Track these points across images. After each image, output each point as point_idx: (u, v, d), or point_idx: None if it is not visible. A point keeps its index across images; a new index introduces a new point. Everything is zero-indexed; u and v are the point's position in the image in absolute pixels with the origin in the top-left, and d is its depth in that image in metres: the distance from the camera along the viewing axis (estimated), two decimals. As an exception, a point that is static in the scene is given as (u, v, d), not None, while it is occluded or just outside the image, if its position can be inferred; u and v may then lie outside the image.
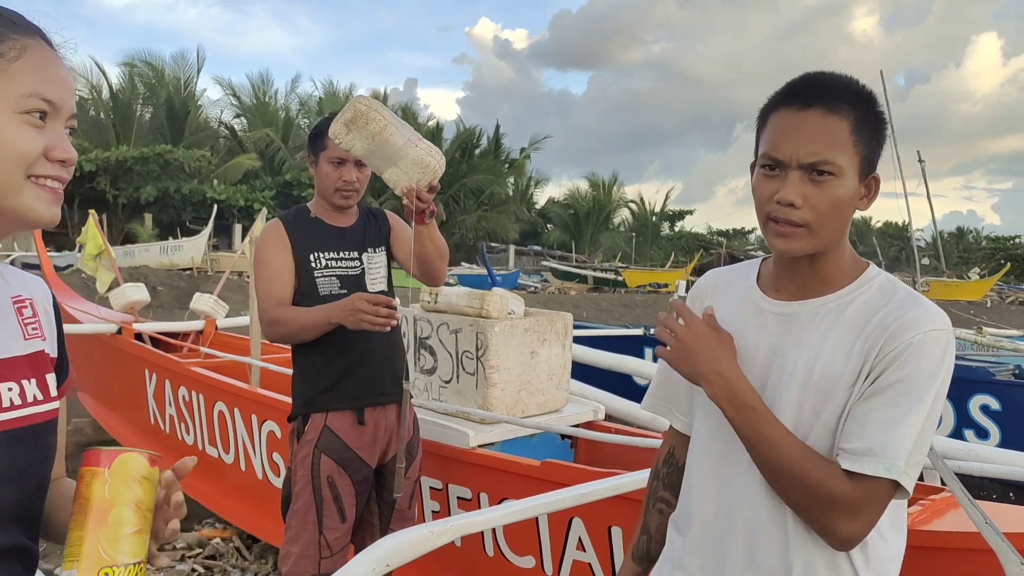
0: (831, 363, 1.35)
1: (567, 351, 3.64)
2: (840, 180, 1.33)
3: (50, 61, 1.04)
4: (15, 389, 1.03)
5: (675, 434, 1.69)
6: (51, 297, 1.19)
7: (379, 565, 1.79)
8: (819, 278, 1.42)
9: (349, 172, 2.75)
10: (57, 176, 1.02)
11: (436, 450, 3.22)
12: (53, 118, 1.02)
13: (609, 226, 46.03)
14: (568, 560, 2.87)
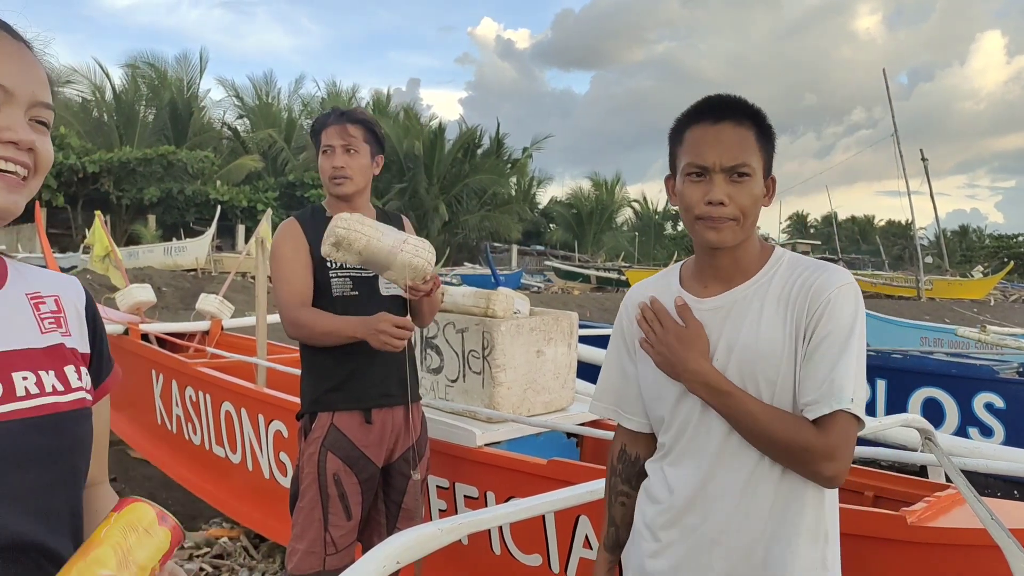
0: (771, 335, 1.55)
1: (573, 350, 3.66)
2: (754, 180, 1.57)
3: (4, 50, 1.02)
4: (31, 378, 1.04)
5: (624, 432, 1.86)
6: (85, 297, 1.21)
7: (389, 562, 1.81)
8: (739, 268, 1.63)
9: (337, 158, 2.76)
10: (7, 157, 1.00)
11: (443, 449, 3.23)
12: (8, 104, 1.00)
13: (612, 225, 46.02)
14: (575, 558, 2.88)
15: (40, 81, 1.05)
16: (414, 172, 34.35)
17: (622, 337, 1.81)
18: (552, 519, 2.92)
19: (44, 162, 1.06)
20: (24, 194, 1.04)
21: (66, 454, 1.07)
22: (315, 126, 2.86)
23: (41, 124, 1.05)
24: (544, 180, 44.42)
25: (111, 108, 33.36)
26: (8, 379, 1.02)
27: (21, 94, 1.01)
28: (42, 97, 1.04)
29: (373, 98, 39.23)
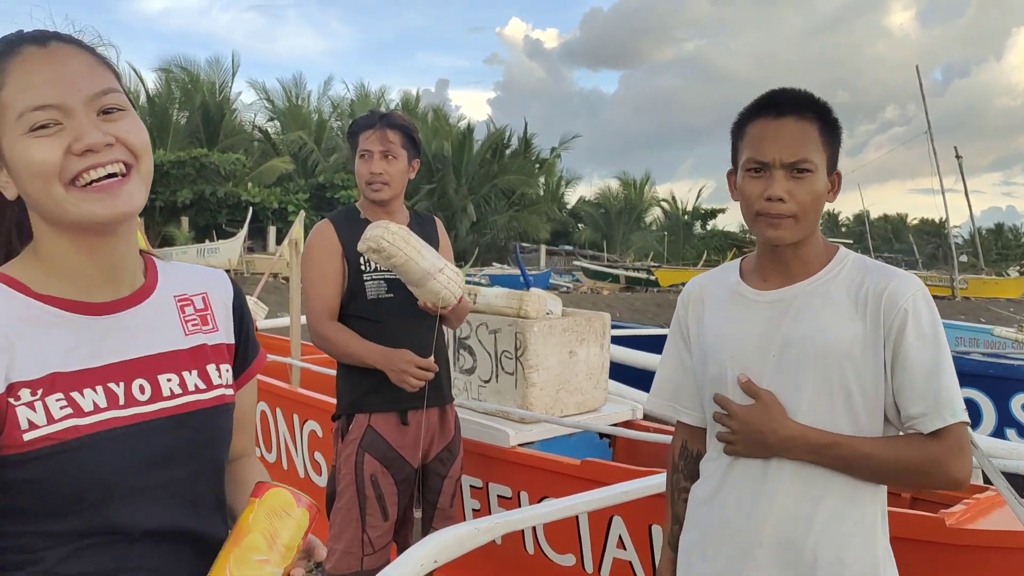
0: (836, 331, 1.54)
1: (605, 351, 3.66)
2: (816, 176, 1.56)
3: (37, 67, 1.02)
4: (175, 380, 1.12)
5: (684, 427, 1.84)
6: (232, 290, 1.28)
7: (427, 561, 1.84)
8: (802, 264, 1.62)
9: (376, 164, 2.76)
10: (91, 166, 1.01)
11: (476, 449, 3.25)
12: (67, 116, 1.01)
13: (641, 225, 45.80)
14: (608, 558, 2.89)
15: (85, 74, 1.03)
16: (443, 173, 34.44)
17: (679, 328, 1.81)
18: (586, 519, 2.93)
19: (135, 143, 1.05)
20: (132, 186, 1.04)
21: (208, 448, 1.15)
22: (353, 128, 2.88)
23: (110, 111, 1.04)
24: (572, 180, 44.36)
25: (145, 112, 33.68)
26: (155, 381, 1.10)
27: (70, 101, 1.01)
28: (94, 88, 1.03)
29: (402, 99, 39.39)
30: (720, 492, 1.66)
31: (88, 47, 1.08)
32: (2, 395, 0.99)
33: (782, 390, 1.58)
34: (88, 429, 1.02)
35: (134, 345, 1.11)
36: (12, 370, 1.01)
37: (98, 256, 1.08)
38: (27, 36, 1.05)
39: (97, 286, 1.10)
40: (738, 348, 1.64)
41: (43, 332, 1.04)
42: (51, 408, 1.01)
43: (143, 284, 1.16)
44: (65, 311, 1.07)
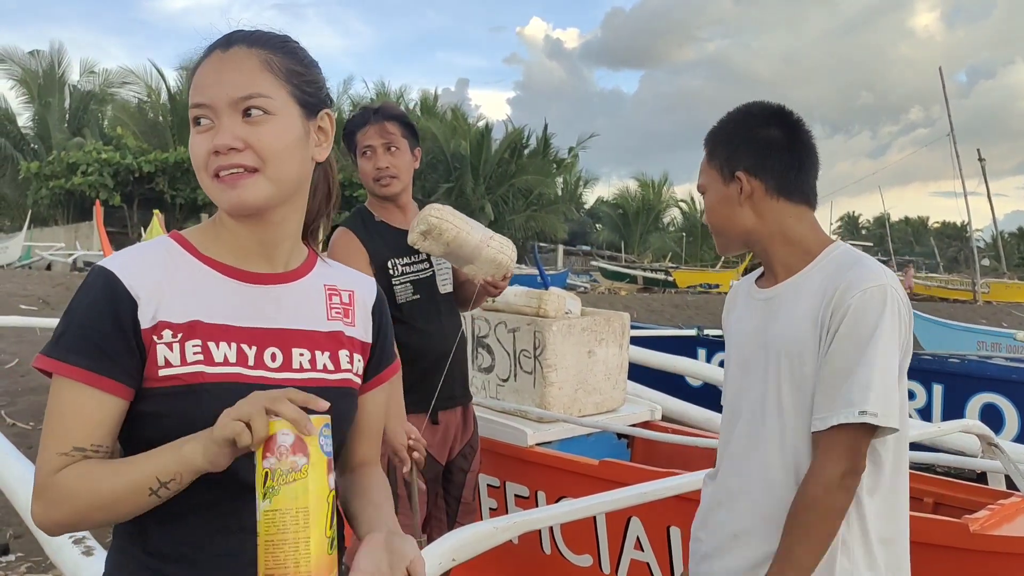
0: (800, 330, 1.57)
1: (624, 351, 3.65)
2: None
3: (208, 69, 1.15)
4: (307, 355, 1.20)
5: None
6: (375, 296, 1.36)
7: (445, 559, 1.83)
8: (782, 266, 1.67)
9: (380, 158, 2.70)
10: (222, 166, 1.12)
11: (494, 448, 3.25)
12: (218, 116, 1.13)
13: (659, 226, 45.68)
14: (626, 559, 2.88)
15: (238, 79, 1.13)
16: (461, 172, 34.46)
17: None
18: (603, 520, 2.92)
19: (265, 148, 1.13)
20: (249, 188, 1.13)
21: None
22: (348, 128, 2.79)
23: (249, 114, 1.13)
24: (590, 180, 44.26)
25: (166, 109, 33.96)
26: (288, 352, 1.18)
27: (218, 102, 1.12)
28: (239, 92, 1.12)
29: (420, 98, 39.47)
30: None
31: (266, 50, 1.17)
32: (148, 329, 1.10)
33: (761, 382, 1.63)
34: (213, 377, 1.11)
35: (276, 316, 1.20)
36: (160, 310, 1.12)
37: (252, 233, 1.19)
38: (220, 40, 1.18)
39: (253, 259, 1.21)
40: (740, 342, 1.73)
41: (196, 285, 1.16)
42: (186, 351, 1.11)
43: (299, 268, 1.26)
44: (220, 273, 1.18)
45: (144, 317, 1.10)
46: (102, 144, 29.93)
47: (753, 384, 1.66)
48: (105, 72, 35.14)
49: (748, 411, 1.67)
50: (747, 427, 1.66)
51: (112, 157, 28.77)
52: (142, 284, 1.11)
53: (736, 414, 1.71)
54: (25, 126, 34.30)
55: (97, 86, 35.02)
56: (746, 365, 1.69)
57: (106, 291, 1.10)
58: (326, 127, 1.25)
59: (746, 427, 1.66)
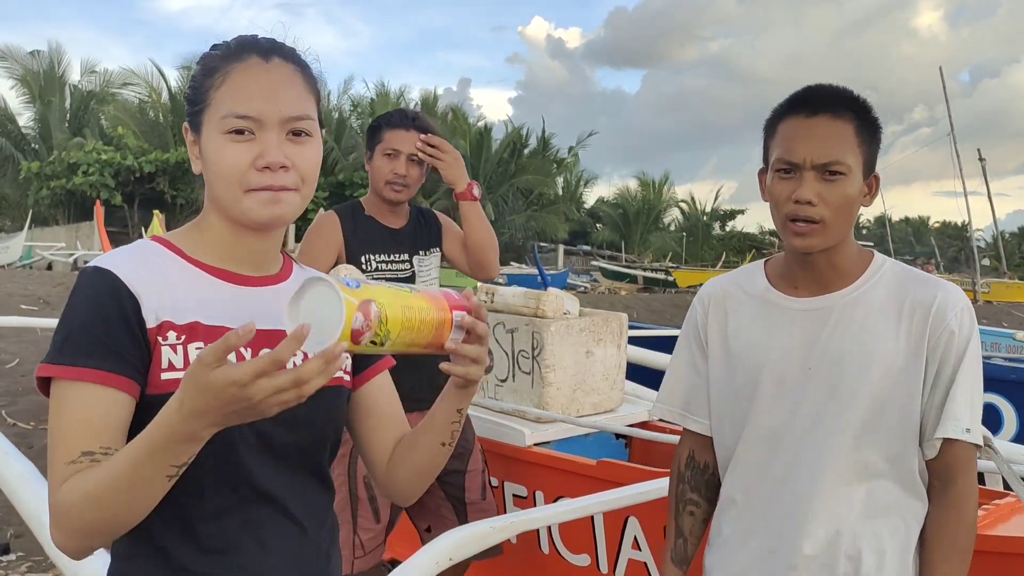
0: (879, 344, 1.49)
1: (622, 351, 3.65)
2: (849, 179, 1.48)
3: (252, 79, 1.14)
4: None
5: (692, 436, 1.76)
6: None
7: (442, 558, 1.84)
8: (836, 272, 1.55)
9: (401, 165, 2.75)
10: (267, 186, 1.12)
11: (492, 448, 3.26)
12: (261, 130, 1.12)
13: (659, 226, 45.68)
14: (623, 559, 2.88)
15: (290, 97, 1.15)
16: (461, 172, 34.48)
17: (695, 332, 1.73)
18: (601, 520, 2.93)
19: (305, 170, 1.16)
20: (288, 205, 1.14)
21: (320, 422, 1.22)
22: (379, 122, 2.84)
23: (299, 135, 1.15)
24: (591, 180, 44.25)
25: (167, 109, 33.98)
26: None
27: (269, 118, 1.12)
28: (292, 112, 1.14)
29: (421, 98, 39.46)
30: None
31: (304, 69, 1.20)
32: (153, 329, 1.09)
33: (816, 403, 1.52)
34: None
35: (267, 318, 1.17)
36: (162, 310, 1.11)
37: (248, 245, 1.20)
38: (256, 46, 1.17)
39: (241, 264, 1.21)
40: (774, 358, 1.57)
41: (190, 286, 1.15)
42: (190, 354, 1.10)
43: (279, 272, 1.27)
44: (210, 275, 1.18)
45: (148, 315, 1.09)
46: (103, 144, 29.94)
47: (803, 402, 1.53)
48: (106, 72, 35.22)
49: (795, 432, 1.54)
50: (795, 449, 1.54)
51: (113, 157, 28.80)
52: (139, 282, 1.10)
53: (775, 435, 1.57)
54: (26, 126, 34.32)
55: (98, 86, 35.05)
56: (783, 381, 1.55)
57: (106, 288, 1.08)
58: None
59: (793, 449, 1.54)
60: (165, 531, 1.11)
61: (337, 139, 35.18)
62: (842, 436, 1.50)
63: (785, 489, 1.55)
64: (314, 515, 1.22)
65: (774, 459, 1.57)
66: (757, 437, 1.59)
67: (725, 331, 1.66)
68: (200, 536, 1.11)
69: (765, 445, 1.58)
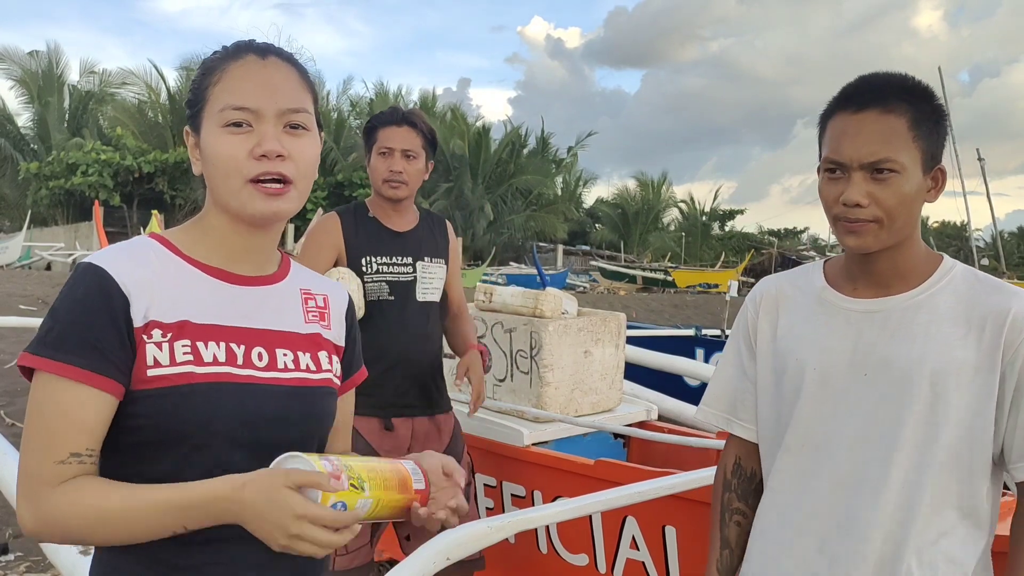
0: (944, 353, 1.39)
1: (620, 351, 3.66)
2: (903, 176, 1.38)
3: (249, 73, 1.16)
4: (290, 356, 1.22)
5: (739, 443, 1.69)
6: (347, 302, 1.38)
7: (440, 558, 1.84)
8: (898, 273, 1.46)
9: (396, 162, 2.71)
10: (266, 173, 1.14)
11: (490, 448, 3.26)
12: (258, 122, 1.14)
13: (658, 226, 45.68)
14: (622, 558, 2.89)
15: (287, 91, 1.17)
16: (460, 172, 34.48)
17: (745, 332, 1.65)
18: (599, 519, 2.93)
19: (302, 163, 1.17)
20: (286, 199, 1.16)
21: (315, 421, 1.24)
22: (372, 122, 2.82)
23: (296, 128, 1.17)
24: (590, 180, 44.28)
25: (166, 110, 33.98)
26: (272, 352, 1.20)
27: (266, 110, 1.14)
28: (289, 104, 1.16)
29: (420, 98, 39.46)
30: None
31: (300, 68, 1.22)
32: (139, 328, 1.10)
33: (871, 411, 1.43)
34: (202, 378, 1.12)
35: (260, 317, 1.21)
36: (151, 309, 1.12)
37: (248, 241, 1.21)
38: (253, 46, 1.20)
39: (238, 263, 1.22)
40: (822, 360, 1.48)
41: (183, 284, 1.16)
42: (176, 352, 1.11)
43: (276, 271, 1.28)
44: (205, 273, 1.19)
45: (136, 315, 1.10)
46: (101, 144, 29.96)
47: (853, 409, 1.45)
48: (104, 72, 35.21)
49: (843, 440, 1.46)
50: (842, 458, 1.46)
51: (112, 157, 28.81)
52: (132, 281, 1.11)
53: (820, 441, 1.49)
54: (25, 126, 34.33)
55: (96, 86, 35.04)
56: (828, 383, 1.47)
57: (98, 286, 1.10)
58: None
59: (840, 458, 1.46)
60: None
61: (336, 139, 35.17)
62: (896, 449, 1.41)
63: (832, 502, 1.47)
64: None
65: (818, 467, 1.48)
66: (800, 442, 1.51)
67: (775, 331, 1.59)
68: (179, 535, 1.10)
69: (809, 451, 1.50)
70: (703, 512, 2.60)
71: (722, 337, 8.23)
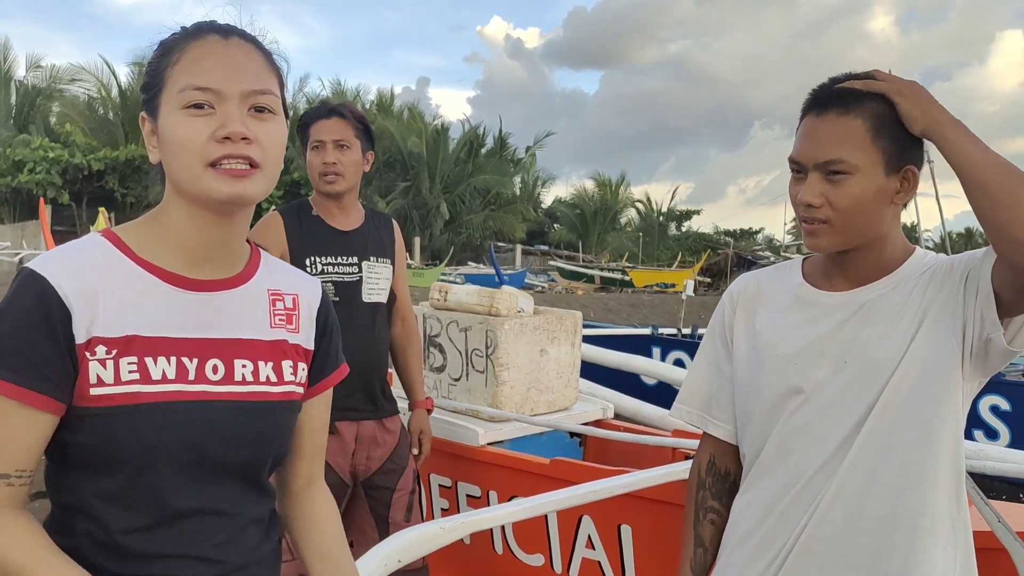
0: (941, 347, 1.39)
1: (576, 349, 3.64)
2: (855, 177, 1.39)
3: (210, 53, 1.10)
4: (249, 367, 1.16)
5: (713, 441, 1.68)
6: (320, 299, 1.31)
7: (391, 561, 1.81)
8: (872, 268, 1.48)
9: (329, 154, 2.64)
10: (230, 155, 1.07)
11: (446, 448, 3.22)
12: (221, 103, 1.08)
13: (616, 226, 45.96)
14: (577, 558, 2.87)
15: (252, 71, 1.11)
16: (417, 171, 34.34)
17: (721, 329, 1.66)
18: (555, 519, 2.91)
19: (268, 146, 1.11)
20: (253, 181, 1.09)
21: (265, 438, 1.17)
22: (304, 119, 2.75)
23: (261, 110, 1.11)
24: (548, 180, 44.41)
25: (117, 106, 33.32)
26: (230, 363, 1.14)
27: (229, 91, 1.08)
28: (254, 85, 1.10)
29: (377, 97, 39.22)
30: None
31: (265, 50, 1.16)
32: (81, 345, 1.04)
33: (850, 400, 1.43)
34: (149, 397, 1.06)
35: (218, 326, 1.15)
36: (95, 324, 1.05)
37: (210, 235, 1.13)
38: (215, 26, 1.14)
39: (198, 263, 1.15)
40: (800, 352, 1.49)
41: (133, 294, 1.09)
42: (121, 369, 1.05)
43: (242, 272, 1.21)
44: (160, 279, 1.12)
45: (78, 330, 1.04)
46: (49, 141, 29.27)
47: (835, 401, 1.45)
48: (53, 68, 34.43)
49: (827, 433, 1.45)
50: (829, 453, 1.45)
51: (60, 155, 28.17)
52: (75, 291, 1.05)
53: (804, 435, 1.48)
54: (-32, 122, 33.44)
55: (44, 82, 34.25)
56: (811, 376, 1.47)
57: (37, 299, 1.03)
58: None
59: (827, 453, 1.45)
60: (92, 547, 1.08)
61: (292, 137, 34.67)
62: (877, 439, 1.41)
63: (812, 495, 1.46)
64: (250, 523, 1.18)
65: (804, 461, 1.48)
66: (785, 437, 1.50)
67: (753, 327, 1.59)
68: (128, 550, 1.08)
69: (789, 446, 1.50)
70: (659, 510, 2.60)
71: (678, 336, 8.30)
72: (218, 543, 1.13)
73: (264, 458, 1.18)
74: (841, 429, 1.44)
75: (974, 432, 6.18)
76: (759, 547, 1.52)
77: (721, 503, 1.66)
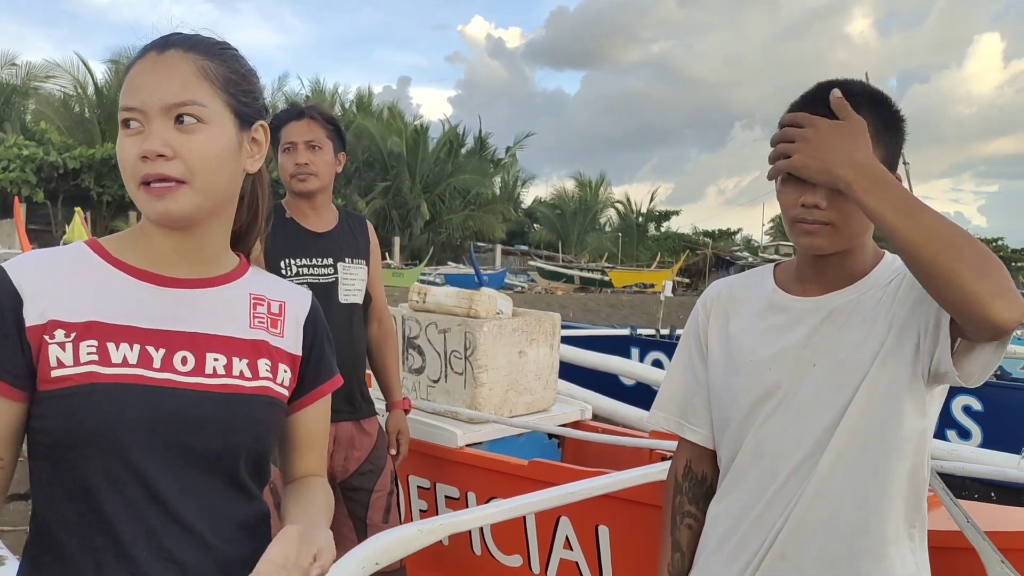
0: (903, 348, 1.41)
1: (555, 351, 3.66)
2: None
3: (142, 71, 1.12)
4: (221, 360, 1.16)
5: (690, 446, 1.70)
6: (309, 309, 1.33)
7: (368, 563, 1.80)
8: (846, 273, 1.49)
9: (301, 155, 2.64)
10: (148, 175, 1.08)
11: (424, 449, 3.22)
12: (147, 121, 1.09)
13: (596, 226, 46.06)
14: (555, 559, 2.88)
15: (172, 84, 1.10)
16: (397, 171, 34.25)
17: (695, 336, 1.67)
18: (533, 520, 2.92)
19: (195, 158, 1.10)
20: (177, 199, 1.09)
21: (237, 429, 1.16)
22: (274, 122, 2.71)
23: (182, 121, 1.10)
24: (528, 180, 44.44)
25: (93, 104, 32.96)
26: (201, 357, 1.15)
27: (150, 107, 1.09)
28: (173, 99, 1.09)
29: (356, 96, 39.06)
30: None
31: (205, 58, 1.14)
32: (38, 327, 1.07)
33: (823, 404, 1.45)
34: (107, 378, 1.07)
35: (191, 319, 1.16)
36: (50, 308, 1.08)
37: (176, 243, 1.16)
38: (156, 43, 1.14)
39: (170, 265, 1.17)
40: (774, 357, 1.51)
41: (98, 286, 1.12)
42: (80, 351, 1.07)
43: (224, 275, 1.22)
44: (129, 275, 1.15)
45: (30, 314, 1.07)
46: (24, 139, 28.90)
47: (809, 406, 1.46)
48: (28, 65, 33.93)
49: (800, 437, 1.47)
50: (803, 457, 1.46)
51: (35, 153, 27.80)
52: (29, 280, 1.09)
53: (779, 440, 1.49)
54: (-59, 120, 32.94)
55: (19, 79, 33.80)
56: (784, 382, 1.49)
57: None
58: (260, 139, 1.22)
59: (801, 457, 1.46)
60: (66, 536, 1.09)
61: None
62: (850, 441, 1.43)
63: (793, 501, 1.47)
64: (225, 525, 1.17)
65: (778, 464, 1.49)
66: (760, 440, 1.52)
67: (727, 333, 1.61)
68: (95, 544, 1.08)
69: (764, 450, 1.51)
70: (636, 511, 2.62)
71: (657, 337, 8.34)
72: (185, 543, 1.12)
73: (234, 449, 1.16)
74: (814, 432, 1.45)
75: (947, 432, 6.25)
76: (735, 550, 1.54)
77: (698, 508, 1.68)
